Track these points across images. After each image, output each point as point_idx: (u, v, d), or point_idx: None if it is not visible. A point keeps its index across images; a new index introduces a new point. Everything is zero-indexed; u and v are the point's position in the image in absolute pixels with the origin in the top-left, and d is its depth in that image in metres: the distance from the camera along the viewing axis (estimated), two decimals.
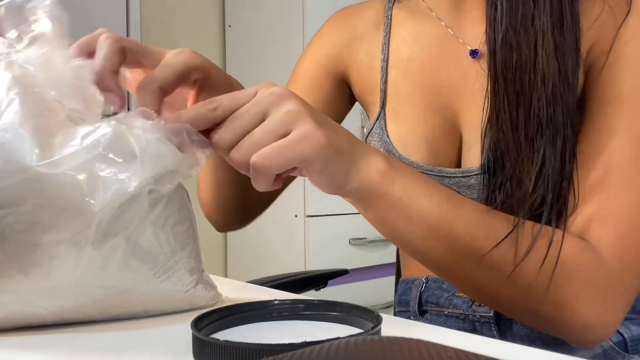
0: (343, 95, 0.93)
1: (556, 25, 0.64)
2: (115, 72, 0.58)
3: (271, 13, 2.50)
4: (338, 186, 0.57)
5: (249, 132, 0.54)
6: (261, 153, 0.52)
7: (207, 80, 0.64)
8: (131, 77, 0.63)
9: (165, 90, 0.58)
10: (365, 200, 0.59)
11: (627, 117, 0.64)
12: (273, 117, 0.53)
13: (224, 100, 0.55)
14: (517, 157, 0.65)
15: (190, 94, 0.65)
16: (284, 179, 0.57)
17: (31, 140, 0.48)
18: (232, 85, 0.66)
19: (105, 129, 0.51)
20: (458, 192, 0.75)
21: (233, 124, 0.54)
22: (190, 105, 0.64)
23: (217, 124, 0.55)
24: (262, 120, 0.54)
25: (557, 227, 0.63)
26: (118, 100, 0.58)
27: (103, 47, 0.57)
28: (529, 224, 0.62)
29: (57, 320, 0.53)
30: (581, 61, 0.66)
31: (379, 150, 0.60)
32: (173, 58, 0.60)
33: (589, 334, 0.61)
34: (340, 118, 0.95)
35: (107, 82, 0.57)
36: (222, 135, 0.54)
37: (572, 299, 0.60)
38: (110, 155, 0.50)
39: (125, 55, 0.59)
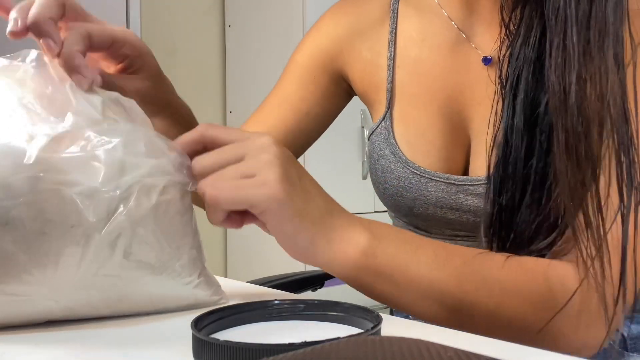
0: (339, 90, 0.89)
1: (619, 67, 0.59)
2: (54, 21, 0.57)
3: (271, 13, 2.50)
4: (304, 254, 0.57)
5: (224, 166, 0.55)
6: (215, 184, 0.53)
7: (138, 61, 0.64)
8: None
9: (92, 42, 0.58)
10: (343, 273, 0.58)
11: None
12: (247, 160, 0.54)
13: (218, 132, 0.57)
14: (521, 187, 0.63)
15: (112, 66, 0.65)
16: (246, 222, 0.57)
17: (39, 138, 0.50)
18: (163, 80, 0.67)
19: (123, 133, 0.53)
20: (465, 200, 0.74)
21: (215, 155, 0.55)
22: (99, 69, 0.64)
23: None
24: (239, 161, 0.55)
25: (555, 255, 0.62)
26: (55, 47, 0.56)
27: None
28: (519, 262, 0.61)
29: (65, 314, 0.53)
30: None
31: (359, 220, 0.59)
32: (113, 26, 0.61)
33: (579, 354, 0.60)
34: (335, 113, 0.92)
35: (44, 27, 0.55)
36: (202, 161, 0.55)
37: (567, 328, 0.60)
38: (120, 152, 0.52)
39: (65, 9, 0.58)
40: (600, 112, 0.58)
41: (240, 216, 0.56)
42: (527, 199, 0.64)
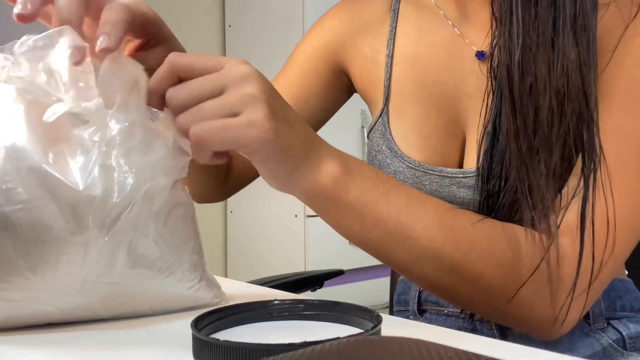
0: (340, 84, 0.90)
1: (579, 42, 0.62)
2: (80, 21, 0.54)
3: (271, 13, 2.50)
4: (284, 184, 0.57)
5: (202, 99, 0.52)
6: (202, 125, 0.51)
7: (158, 34, 0.61)
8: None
9: (131, 27, 0.56)
10: (315, 203, 0.58)
11: (616, 117, 0.64)
12: (229, 94, 0.52)
13: (189, 59, 0.54)
14: (514, 166, 0.64)
15: (133, 41, 0.61)
16: (231, 155, 0.55)
17: (39, 144, 0.50)
18: (180, 49, 0.64)
19: (104, 130, 0.52)
20: (458, 192, 0.75)
21: (190, 86, 0.53)
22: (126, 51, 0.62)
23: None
24: (219, 93, 0.52)
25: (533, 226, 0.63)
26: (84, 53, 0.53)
27: None
28: (492, 224, 0.62)
29: (64, 318, 0.53)
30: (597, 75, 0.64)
31: (338, 153, 0.59)
32: (128, 2, 0.57)
33: (549, 329, 0.62)
34: (334, 108, 0.93)
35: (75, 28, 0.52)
36: (176, 93, 0.53)
37: (532, 296, 0.60)
38: (118, 153, 0.51)
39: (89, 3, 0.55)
40: (548, 84, 0.61)
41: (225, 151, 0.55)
42: (510, 183, 0.65)
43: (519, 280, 0.60)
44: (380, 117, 0.83)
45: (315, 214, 0.60)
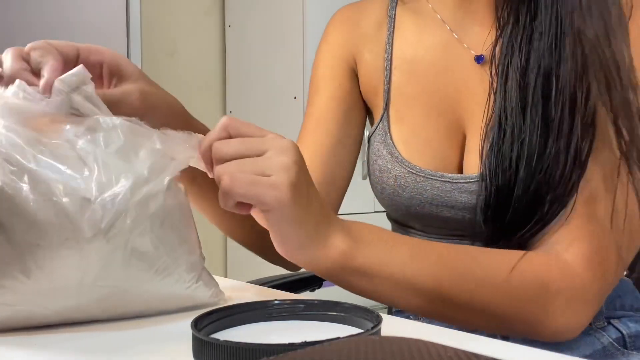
0: (360, 93, 0.90)
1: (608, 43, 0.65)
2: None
3: (271, 13, 2.50)
4: (292, 250, 0.60)
5: (243, 156, 0.57)
6: (232, 174, 0.56)
7: (115, 68, 0.66)
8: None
9: (65, 55, 0.61)
10: (323, 273, 0.62)
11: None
12: (267, 158, 0.57)
13: (242, 122, 0.60)
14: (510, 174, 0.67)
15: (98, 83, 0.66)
16: (253, 210, 0.59)
17: (33, 148, 0.50)
18: (147, 80, 0.68)
19: (101, 128, 0.52)
20: (459, 198, 0.75)
21: (238, 143, 0.58)
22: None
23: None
24: (259, 155, 0.58)
25: (532, 243, 0.66)
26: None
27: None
28: (492, 255, 0.65)
29: (61, 320, 0.53)
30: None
31: (343, 226, 0.63)
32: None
33: (559, 337, 0.66)
34: (364, 117, 0.92)
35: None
36: (224, 146, 0.57)
37: (542, 313, 0.64)
38: (109, 156, 0.51)
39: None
40: (623, 59, 0.64)
41: (248, 204, 0.58)
42: (522, 174, 0.67)
43: (526, 301, 0.63)
44: (380, 122, 0.83)
45: None
